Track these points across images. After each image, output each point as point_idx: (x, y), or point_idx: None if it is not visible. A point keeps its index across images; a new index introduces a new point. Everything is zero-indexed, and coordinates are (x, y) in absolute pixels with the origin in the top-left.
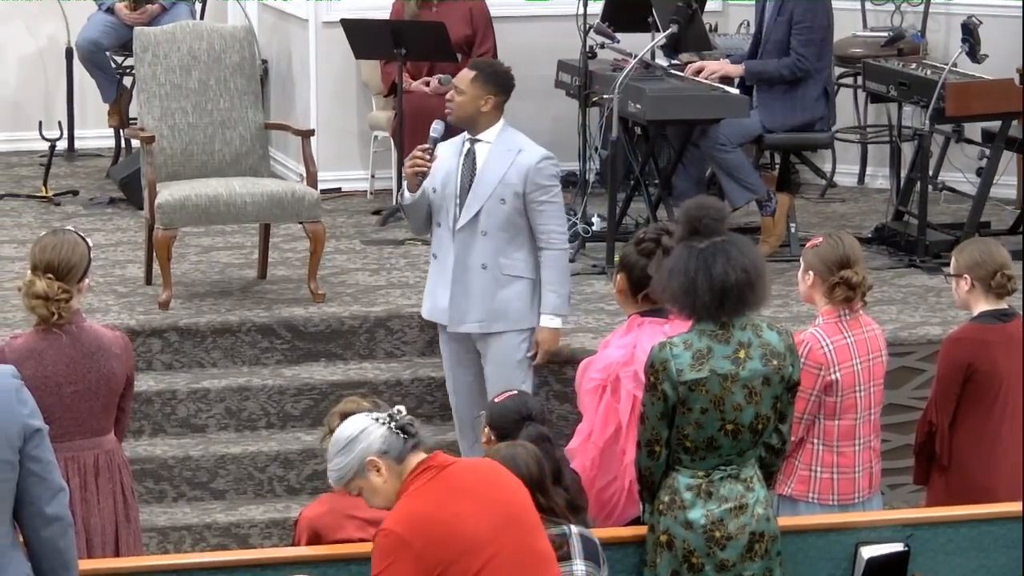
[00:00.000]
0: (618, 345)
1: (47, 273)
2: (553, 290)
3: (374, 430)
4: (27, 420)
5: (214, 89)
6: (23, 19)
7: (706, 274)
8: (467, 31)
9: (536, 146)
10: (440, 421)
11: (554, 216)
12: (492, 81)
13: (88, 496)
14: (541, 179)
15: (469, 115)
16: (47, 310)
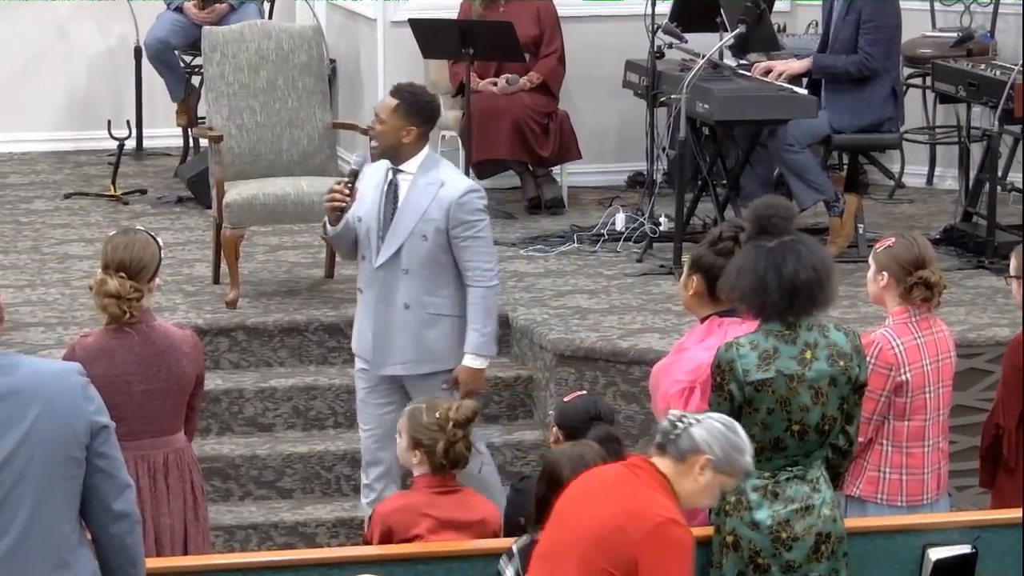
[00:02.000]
0: (705, 347)
1: (119, 272)
2: (476, 329)
3: None
4: (94, 417)
5: (282, 88)
6: (93, 19)
7: (776, 273)
8: (534, 31)
9: (461, 178)
10: (507, 421)
11: (480, 252)
12: (414, 111)
13: (158, 495)
14: (464, 214)
15: (391, 146)
16: (119, 309)
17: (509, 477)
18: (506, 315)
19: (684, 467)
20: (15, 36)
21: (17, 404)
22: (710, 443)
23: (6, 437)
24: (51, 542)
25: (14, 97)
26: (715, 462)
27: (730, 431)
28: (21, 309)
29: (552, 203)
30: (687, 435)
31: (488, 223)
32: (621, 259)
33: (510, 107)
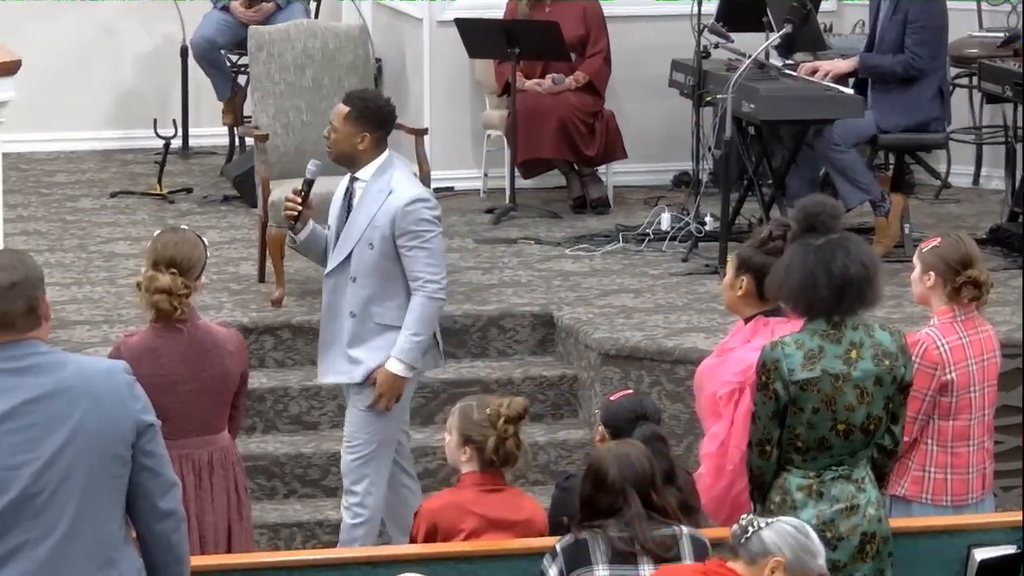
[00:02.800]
0: (752, 347)
1: (169, 268)
2: (407, 334)
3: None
4: (140, 415)
5: (328, 88)
6: (140, 18)
7: (825, 269)
8: (581, 31)
9: (411, 186)
10: (551, 420)
11: (424, 262)
12: (366, 117)
13: (202, 494)
14: (408, 223)
15: (345, 153)
16: (169, 305)
17: (554, 476)
18: (551, 314)
19: (756, 569)
20: (62, 35)
21: (64, 402)
22: (780, 546)
23: (53, 435)
24: (97, 540)
25: (61, 96)
26: (786, 564)
27: (801, 534)
28: (67, 307)
29: (598, 202)
30: (757, 538)
31: (438, 235)
32: (666, 258)
33: (556, 107)
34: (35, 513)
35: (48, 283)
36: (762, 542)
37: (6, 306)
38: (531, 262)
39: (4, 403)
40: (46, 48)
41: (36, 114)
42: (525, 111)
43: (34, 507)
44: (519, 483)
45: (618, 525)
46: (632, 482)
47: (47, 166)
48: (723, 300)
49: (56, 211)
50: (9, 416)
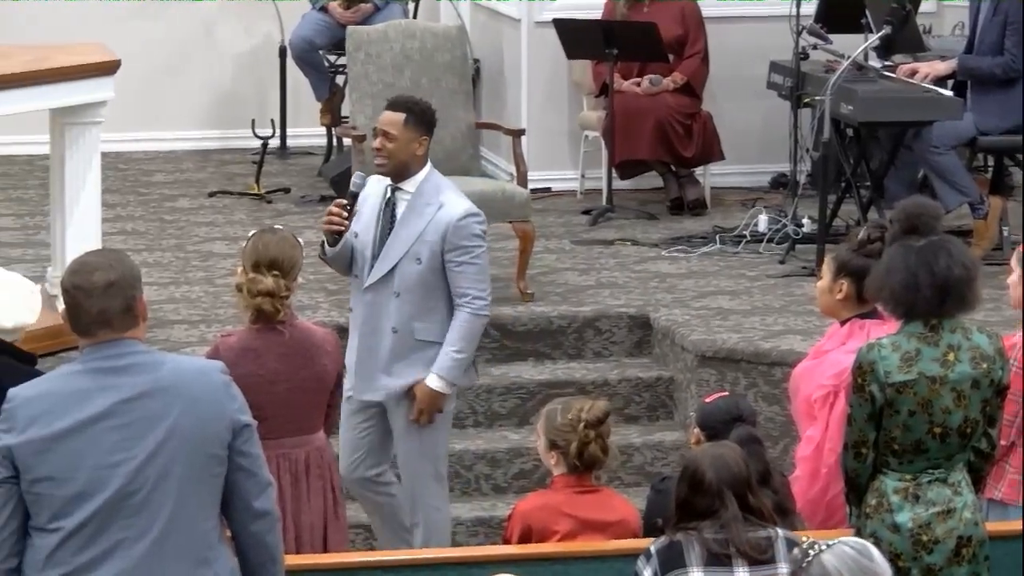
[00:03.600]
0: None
1: (271, 270)
2: (450, 351)
3: None
4: (236, 415)
5: (425, 88)
6: (239, 18)
7: (928, 270)
8: (678, 31)
9: (461, 200)
10: (647, 421)
11: (473, 278)
12: (423, 121)
13: (299, 494)
14: (461, 238)
15: (403, 162)
16: (272, 307)
17: (649, 478)
18: (647, 316)
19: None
20: (162, 35)
21: (160, 402)
22: (840, 570)
23: (150, 434)
24: (192, 539)
25: (160, 96)
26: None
27: (863, 556)
28: (165, 307)
29: (695, 204)
30: (817, 562)
31: (485, 250)
32: (763, 260)
33: (653, 108)
34: (132, 512)
35: (146, 283)
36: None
37: (103, 305)
38: (628, 263)
39: (101, 402)
40: (146, 48)
41: (135, 114)
42: (622, 112)
43: (131, 506)
44: (614, 484)
45: (713, 527)
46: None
47: (145, 166)
48: (819, 303)
49: (154, 211)
50: (106, 415)
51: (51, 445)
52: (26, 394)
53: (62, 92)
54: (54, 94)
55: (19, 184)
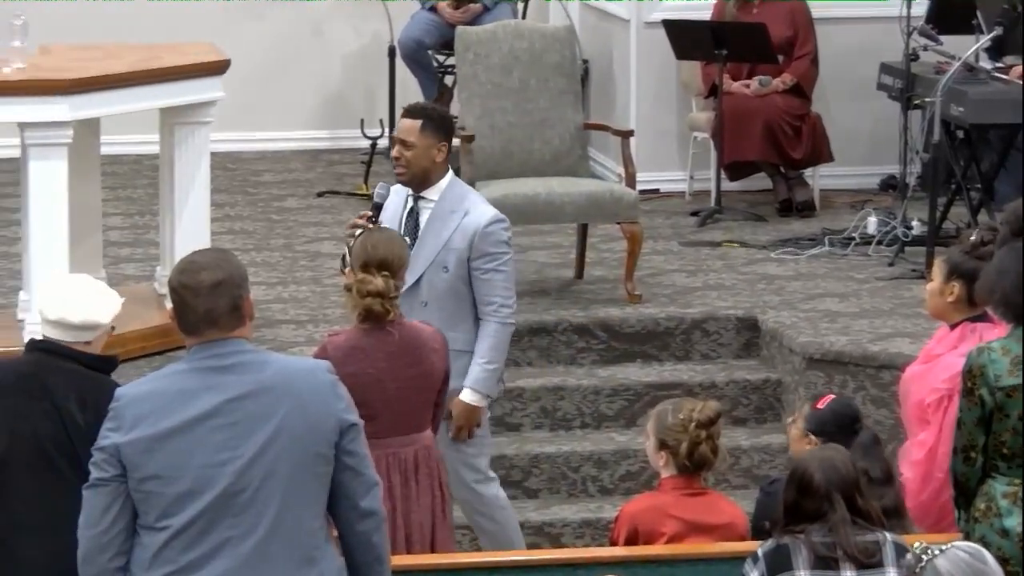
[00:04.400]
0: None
1: (381, 270)
2: (482, 363)
3: None
4: (342, 414)
5: (534, 88)
6: (348, 18)
7: None
8: (788, 32)
9: (486, 206)
10: (755, 424)
11: (500, 286)
12: (441, 128)
13: (408, 493)
14: (488, 245)
15: (424, 169)
16: (382, 307)
17: (757, 480)
18: (755, 318)
19: None
20: (271, 35)
21: (267, 401)
22: (954, 574)
23: (256, 434)
24: (299, 538)
25: (269, 96)
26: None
27: (977, 560)
28: (273, 306)
29: (803, 206)
30: (931, 567)
31: (511, 257)
32: (872, 263)
33: (762, 109)
34: (238, 510)
35: (253, 282)
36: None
37: (210, 304)
38: (736, 265)
39: (208, 401)
40: (255, 48)
41: (244, 114)
42: (732, 113)
43: (237, 504)
44: (722, 487)
45: (821, 530)
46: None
47: (254, 165)
48: (928, 306)
49: (262, 210)
50: (213, 414)
51: (158, 444)
52: (133, 393)
53: (171, 92)
54: (163, 94)
55: (128, 184)
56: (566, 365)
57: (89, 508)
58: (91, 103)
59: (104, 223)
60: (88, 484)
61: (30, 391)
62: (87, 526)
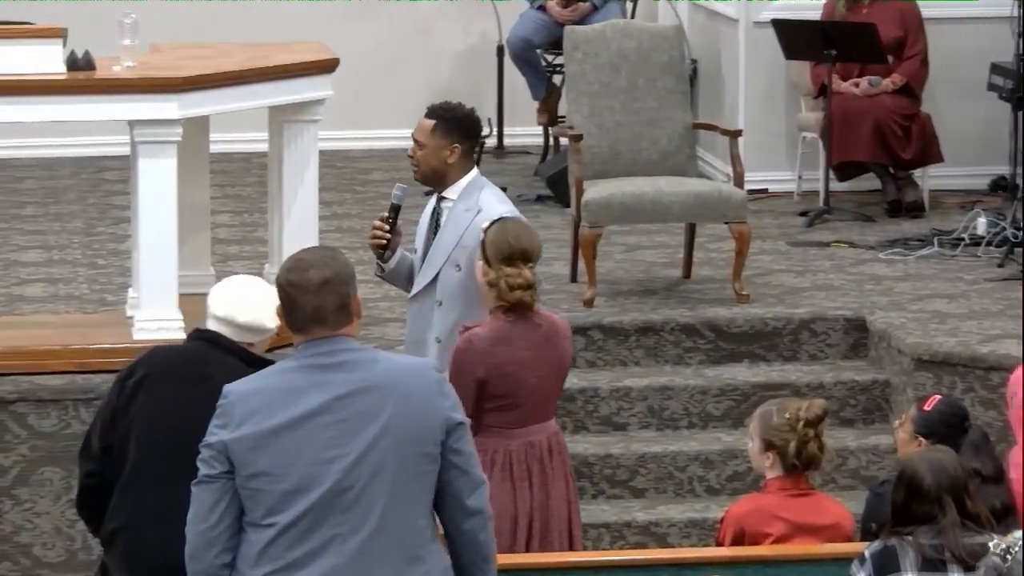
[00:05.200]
0: None
1: (526, 261)
2: None
3: None
4: (449, 413)
5: (642, 88)
6: (457, 17)
7: None
8: (898, 32)
9: (500, 204)
10: (862, 425)
11: None
12: (455, 127)
13: (546, 479)
14: None
15: (434, 170)
16: (532, 298)
17: (864, 481)
18: (863, 318)
19: None
20: (380, 34)
21: (374, 399)
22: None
23: (363, 432)
24: (405, 536)
25: (378, 94)
26: None
27: None
28: (380, 304)
29: (912, 206)
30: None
31: None
32: (981, 264)
33: (872, 109)
34: (345, 508)
35: (361, 281)
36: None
37: (318, 302)
38: (844, 265)
39: (316, 398)
40: (364, 47)
41: (352, 112)
42: (841, 113)
43: (344, 502)
44: (828, 487)
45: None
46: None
47: (362, 164)
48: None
49: (371, 209)
50: (321, 411)
51: (265, 441)
52: (241, 390)
53: (281, 90)
54: (273, 92)
55: (237, 181)
56: (673, 365)
57: (197, 504)
58: (200, 101)
59: (213, 221)
60: (196, 480)
61: (190, 377)
62: (195, 522)
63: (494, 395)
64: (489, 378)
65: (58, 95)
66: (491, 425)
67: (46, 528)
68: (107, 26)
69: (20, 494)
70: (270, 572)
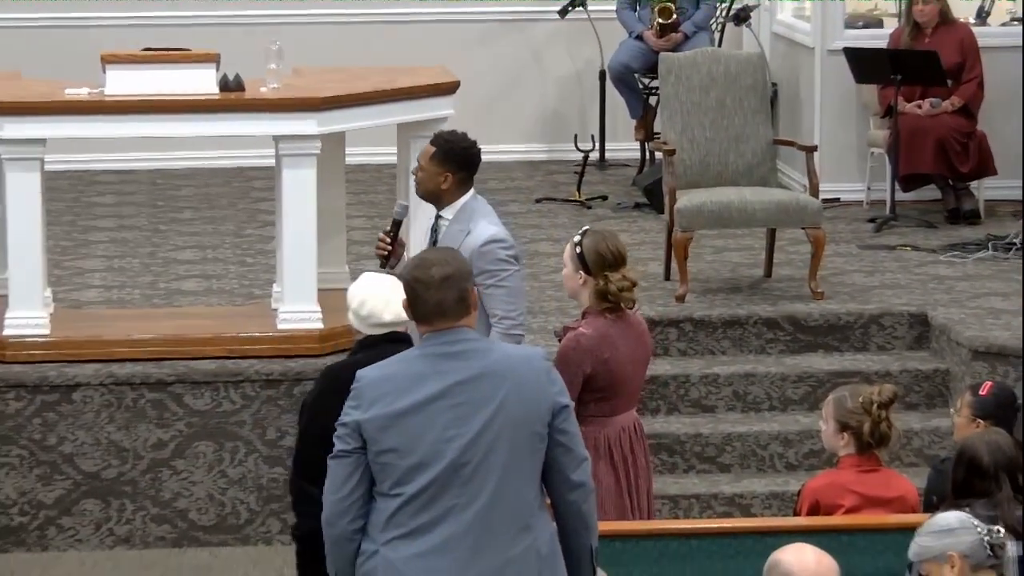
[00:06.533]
0: None
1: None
2: None
3: (968, 534)
4: (556, 397)
5: (729, 108)
6: (564, 44)
7: None
8: (957, 59)
9: (488, 226)
10: (925, 409)
11: (501, 300)
12: (450, 158)
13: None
14: (485, 263)
15: (430, 191)
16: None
17: (926, 459)
18: (926, 314)
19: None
20: (497, 58)
21: (489, 384)
22: None
23: (480, 413)
24: (516, 507)
25: (495, 112)
26: None
27: None
28: None
29: (969, 214)
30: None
31: (514, 273)
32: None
33: (934, 127)
34: (463, 481)
35: None
36: None
37: (440, 296)
38: (908, 266)
39: (438, 383)
40: (483, 70)
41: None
42: (906, 131)
43: (462, 476)
44: (895, 464)
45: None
46: (1004, 467)
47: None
48: None
49: None
50: (443, 395)
51: (393, 421)
52: (371, 376)
53: (408, 109)
54: (401, 111)
55: (369, 190)
56: (756, 354)
57: (333, 477)
58: (337, 119)
59: (348, 224)
60: (332, 455)
61: None
62: (331, 492)
63: (596, 388)
64: (595, 373)
65: (212, 113)
66: (589, 415)
67: (200, 495)
68: (255, 52)
69: (177, 465)
70: (396, 537)
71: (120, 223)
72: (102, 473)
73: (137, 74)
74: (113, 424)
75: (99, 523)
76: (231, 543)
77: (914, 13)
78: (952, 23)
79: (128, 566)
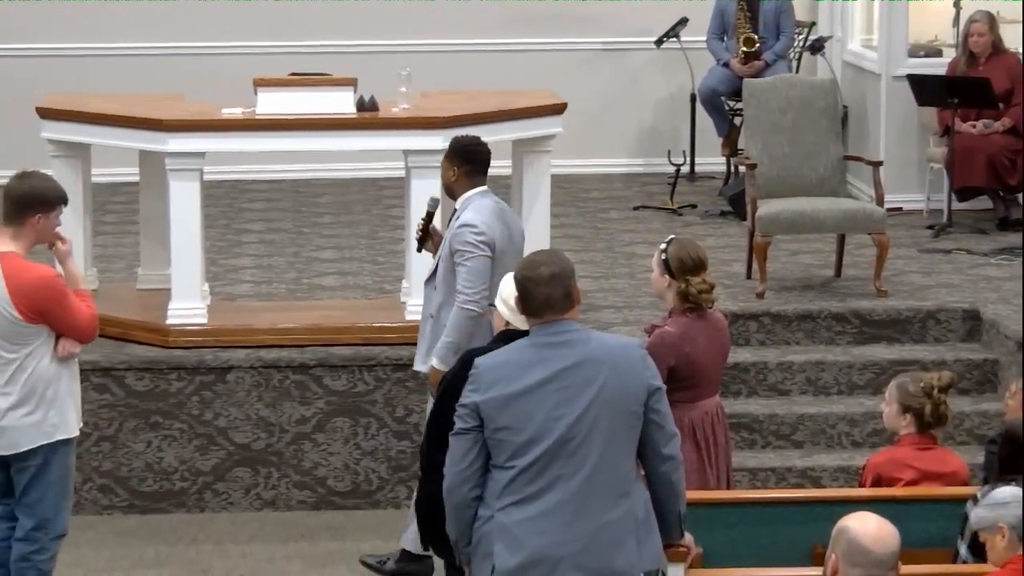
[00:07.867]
0: None
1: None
2: (444, 337)
3: (1017, 508)
4: (650, 381)
5: (804, 127)
6: (659, 69)
7: None
8: (1007, 85)
9: (468, 214)
10: (976, 394)
11: (464, 276)
12: (456, 154)
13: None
14: (456, 244)
15: (444, 185)
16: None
17: (977, 439)
18: (978, 310)
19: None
20: (600, 83)
21: (591, 369)
22: None
23: (583, 395)
24: (615, 477)
25: (598, 130)
26: None
27: None
28: (596, 295)
29: (1017, 222)
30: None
31: (479, 256)
32: None
33: (986, 146)
34: (569, 454)
35: (580, 276)
36: None
37: (548, 292)
38: (962, 268)
39: (547, 369)
40: (587, 93)
41: (578, 145)
42: (961, 148)
43: (568, 450)
44: (948, 443)
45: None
46: None
47: (584, 185)
48: None
49: (590, 220)
50: (551, 379)
51: (508, 402)
52: (488, 363)
53: (521, 127)
54: (515, 129)
55: None
56: (826, 345)
57: (454, 451)
58: None
59: None
60: (453, 432)
61: None
62: (452, 464)
63: (679, 378)
64: (678, 365)
65: (349, 130)
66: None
67: (337, 465)
68: (388, 77)
69: (317, 438)
70: (510, 503)
71: (268, 226)
72: (252, 445)
73: (284, 96)
74: (261, 402)
75: (248, 488)
76: (363, 507)
77: (969, 44)
78: (1003, 53)
79: (273, 526)
